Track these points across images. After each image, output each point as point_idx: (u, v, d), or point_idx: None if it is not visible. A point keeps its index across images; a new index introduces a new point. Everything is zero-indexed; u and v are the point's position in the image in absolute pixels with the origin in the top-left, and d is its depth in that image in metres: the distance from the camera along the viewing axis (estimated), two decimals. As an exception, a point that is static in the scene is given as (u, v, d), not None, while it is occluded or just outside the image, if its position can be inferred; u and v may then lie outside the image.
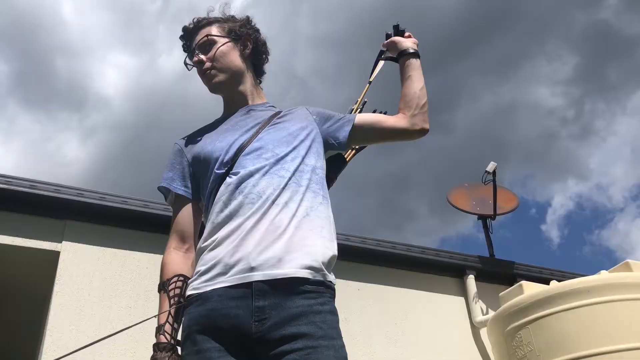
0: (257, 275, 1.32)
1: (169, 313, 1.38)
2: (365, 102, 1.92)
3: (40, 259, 3.26)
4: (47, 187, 3.28)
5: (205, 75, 1.65)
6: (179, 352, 1.35)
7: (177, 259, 1.49)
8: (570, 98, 17.30)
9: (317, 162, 1.54)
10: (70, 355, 1.38)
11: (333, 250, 1.43)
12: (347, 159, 1.78)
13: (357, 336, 3.71)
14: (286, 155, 1.49)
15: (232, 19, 1.72)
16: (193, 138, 1.63)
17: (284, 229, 1.37)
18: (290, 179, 1.44)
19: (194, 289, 1.40)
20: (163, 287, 1.44)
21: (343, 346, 1.33)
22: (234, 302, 1.32)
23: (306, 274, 1.33)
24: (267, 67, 1.78)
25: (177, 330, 1.39)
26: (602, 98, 17.66)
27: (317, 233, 1.40)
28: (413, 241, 4.80)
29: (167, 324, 1.37)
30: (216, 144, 1.53)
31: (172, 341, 1.36)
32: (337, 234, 1.50)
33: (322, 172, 1.55)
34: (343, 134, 1.61)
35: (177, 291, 1.42)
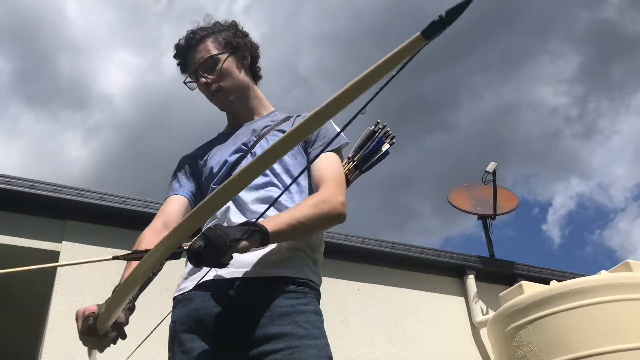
0: (238, 272, 1.34)
1: None
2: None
3: (40, 259, 3.25)
4: (47, 187, 3.28)
5: (215, 96, 1.62)
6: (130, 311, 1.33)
7: (157, 238, 1.42)
8: (573, 97, 17.28)
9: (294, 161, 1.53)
10: (70, 355, 1.38)
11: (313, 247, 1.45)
12: (351, 179, 1.76)
13: (357, 336, 3.71)
14: (273, 168, 1.49)
15: (222, 27, 1.65)
16: (198, 153, 1.66)
17: None
18: (276, 193, 1.45)
19: (179, 290, 1.43)
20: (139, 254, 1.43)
21: (327, 345, 1.32)
22: (217, 302, 1.33)
23: (289, 272, 1.35)
24: (270, 67, 1.76)
25: (137, 295, 1.36)
26: (606, 97, 17.64)
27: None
28: (416, 241, 4.82)
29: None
30: (216, 159, 1.57)
31: (133, 301, 1.34)
32: (337, 234, 1.50)
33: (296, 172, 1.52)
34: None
35: None
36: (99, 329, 1.21)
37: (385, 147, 1.81)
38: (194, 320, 1.34)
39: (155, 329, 1.52)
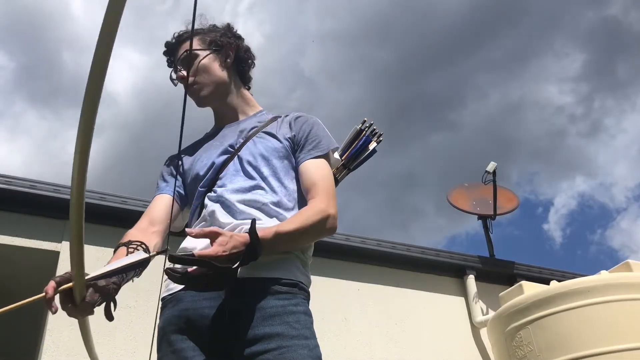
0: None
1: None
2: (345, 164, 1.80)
3: (40, 259, 3.26)
4: (47, 187, 3.29)
5: (189, 90, 1.61)
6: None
7: (142, 235, 1.45)
8: (578, 95, 17.24)
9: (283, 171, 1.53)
10: (70, 355, 1.38)
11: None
12: (339, 178, 1.75)
13: (357, 336, 3.71)
14: (261, 172, 1.49)
15: (213, 29, 1.68)
16: (184, 154, 1.65)
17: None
18: (264, 196, 1.45)
19: (168, 290, 1.42)
20: (124, 244, 1.40)
21: (317, 346, 1.32)
22: (207, 303, 1.33)
23: (279, 274, 1.35)
24: (274, 67, 1.75)
25: (124, 278, 1.34)
26: (611, 95, 17.60)
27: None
28: (420, 240, 4.82)
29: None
30: (203, 161, 1.56)
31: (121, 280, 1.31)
32: (337, 234, 1.50)
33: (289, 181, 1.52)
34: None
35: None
36: (75, 296, 1.21)
37: (373, 145, 1.82)
38: (184, 321, 1.34)
39: (155, 327, 1.52)
